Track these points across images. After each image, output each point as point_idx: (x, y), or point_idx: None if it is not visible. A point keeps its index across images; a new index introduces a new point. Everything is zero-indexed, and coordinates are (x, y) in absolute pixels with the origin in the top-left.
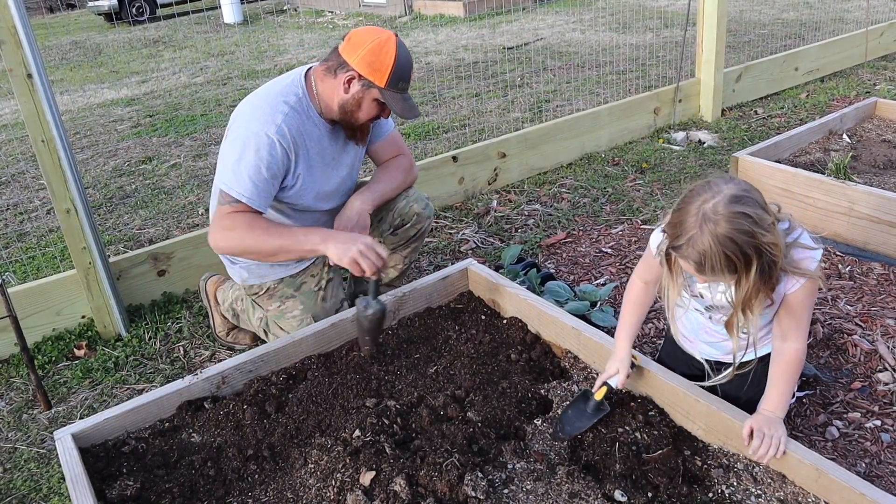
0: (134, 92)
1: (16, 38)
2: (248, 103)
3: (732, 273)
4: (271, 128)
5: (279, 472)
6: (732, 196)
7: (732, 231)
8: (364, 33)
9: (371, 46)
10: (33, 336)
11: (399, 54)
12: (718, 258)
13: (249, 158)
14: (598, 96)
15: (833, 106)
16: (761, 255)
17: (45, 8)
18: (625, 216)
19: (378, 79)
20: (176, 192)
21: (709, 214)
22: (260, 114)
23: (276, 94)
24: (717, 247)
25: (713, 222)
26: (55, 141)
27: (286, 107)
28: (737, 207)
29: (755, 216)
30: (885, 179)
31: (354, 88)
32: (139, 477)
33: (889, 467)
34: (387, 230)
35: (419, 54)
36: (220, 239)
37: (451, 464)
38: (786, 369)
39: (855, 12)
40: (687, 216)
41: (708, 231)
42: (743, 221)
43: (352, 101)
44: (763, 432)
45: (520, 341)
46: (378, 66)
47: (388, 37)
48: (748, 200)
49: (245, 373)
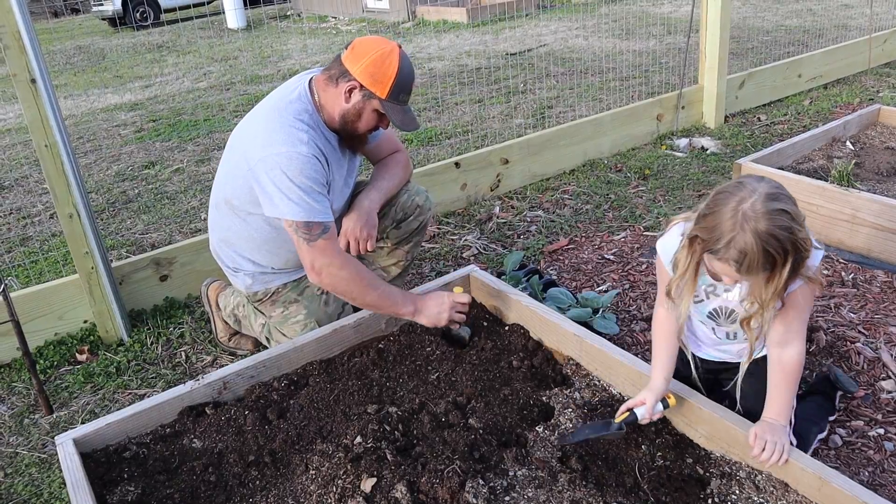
0: (137, 97)
1: (20, 42)
2: (259, 127)
3: (768, 271)
4: (303, 147)
5: (280, 478)
6: (769, 194)
7: (774, 228)
8: (368, 43)
9: (374, 57)
10: (35, 340)
11: (402, 66)
12: (759, 256)
13: (300, 181)
14: (600, 102)
15: (836, 113)
16: (798, 251)
17: (49, 13)
18: (627, 223)
19: (379, 90)
20: (179, 197)
21: (748, 213)
22: (282, 136)
23: (289, 113)
24: (759, 244)
25: (754, 220)
26: (58, 145)
27: (304, 125)
28: (775, 205)
29: (792, 212)
30: (889, 187)
31: (355, 98)
32: (140, 482)
33: (892, 476)
34: (390, 225)
35: (422, 60)
36: (326, 275)
37: (452, 471)
38: (785, 377)
39: (858, 19)
40: (723, 218)
41: (749, 229)
42: (783, 218)
43: (352, 111)
44: (765, 439)
45: (522, 348)
46: (380, 77)
47: (391, 48)
48: (783, 197)
49: (246, 378)
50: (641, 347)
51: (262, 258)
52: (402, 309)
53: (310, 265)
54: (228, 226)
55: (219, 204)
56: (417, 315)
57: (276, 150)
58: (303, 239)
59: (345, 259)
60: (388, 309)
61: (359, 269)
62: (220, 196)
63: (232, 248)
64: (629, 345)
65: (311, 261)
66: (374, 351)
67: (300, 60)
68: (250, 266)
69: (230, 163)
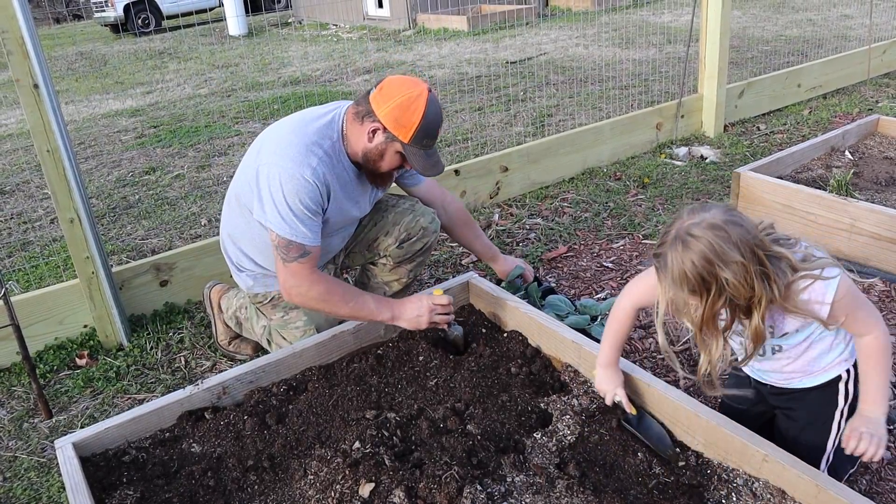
0: (139, 103)
1: (23, 49)
2: (282, 136)
3: (694, 294)
4: (307, 171)
5: (279, 483)
6: (709, 223)
7: (693, 254)
8: (397, 85)
9: (400, 101)
10: (35, 345)
11: (427, 112)
12: (677, 275)
13: (294, 203)
14: (600, 111)
15: (835, 123)
16: (721, 289)
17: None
18: (626, 231)
19: (402, 134)
20: (179, 202)
21: (682, 233)
22: (295, 153)
23: (314, 134)
24: (679, 264)
25: (682, 241)
26: (60, 151)
27: (321, 150)
28: (706, 233)
29: (717, 248)
30: (887, 196)
31: (378, 139)
32: (139, 487)
33: (889, 484)
34: (392, 244)
35: (422, 68)
36: (297, 296)
37: (450, 476)
38: (868, 361)
39: (858, 30)
40: (670, 231)
41: (675, 247)
42: (705, 248)
43: (375, 151)
44: (860, 431)
45: (520, 355)
46: (404, 122)
47: (419, 92)
48: (720, 232)
49: (246, 383)
50: (639, 355)
51: (263, 260)
52: (378, 317)
53: (282, 283)
54: (236, 223)
55: (230, 199)
56: (396, 320)
57: (283, 163)
58: (280, 257)
59: (314, 280)
60: (366, 318)
61: (329, 287)
62: (232, 191)
63: (237, 245)
64: (627, 352)
65: (284, 280)
66: (373, 357)
67: (301, 68)
68: (252, 266)
69: (247, 159)
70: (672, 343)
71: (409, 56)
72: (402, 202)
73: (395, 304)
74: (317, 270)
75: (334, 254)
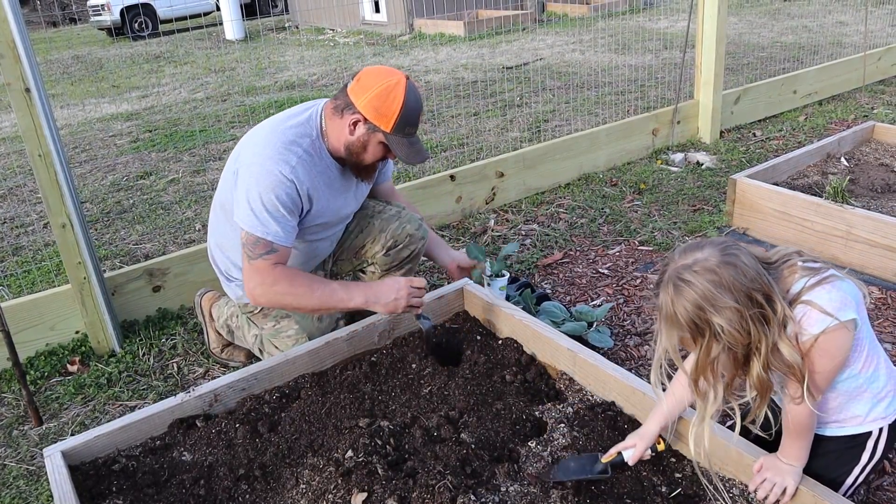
0: (134, 107)
1: (14, 52)
2: (260, 136)
3: (687, 338)
4: (286, 168)
5: (270, 492)
6: (703, 266)
7: (684, 300)
8: (374, 75)
9: (379, 91)
10: (26, 351)
11: (407, 99)
12: (670, 317)
13: (268, 198)
14: (596, 117)
15: (831, 129)
16: (716, 335)
17: (47, 22)
18: (622, 237)
19: (384, 124)
20: (174, 207)
21: (674, 276)
22: (273, 152)
23: (291, 133)
24: (670, 307)
25: (674, 285)
26: (52, 155)
27: (300, 149)
28: (697, 278)
29: (708, 294)
30: (883, 203)
31: (360, 131)
32: (129, 496)
33: (886, 494)
34: (379, 251)
35: (419, 72)
36: (261, 294)
37: (443, 486)
38: (792, 427)
39: (853, 36)
40: (666, 270)
41: (667, 290)
42: (696, 295)
43: (357, 143)
44: (766, 477)
45: (515, 362)
46: (384, 111)
47: (397, 80)
48: (712, 276)
49: (238, 391)
50: (635, 362)
51: None
52: (351, 303)
53: (246, 283)
54: (223, 231)
55: (216, 207)
56: (371, 304)
57: (260, 162)
58: (246, 255)
59: (278, 275)
60: (338, 306)
61: (293, 280)
62: (217, 199)
63: (225, 254)
64: (623, 360)
65: (247, 279)
66: (367, 364)
67: (297, 72)
68: (241, 276)
69: (228, 165)
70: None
71: (405, 61)
72: (389, 208)
73: (367, 288)
74: (280, 265)
75: (322, 258)
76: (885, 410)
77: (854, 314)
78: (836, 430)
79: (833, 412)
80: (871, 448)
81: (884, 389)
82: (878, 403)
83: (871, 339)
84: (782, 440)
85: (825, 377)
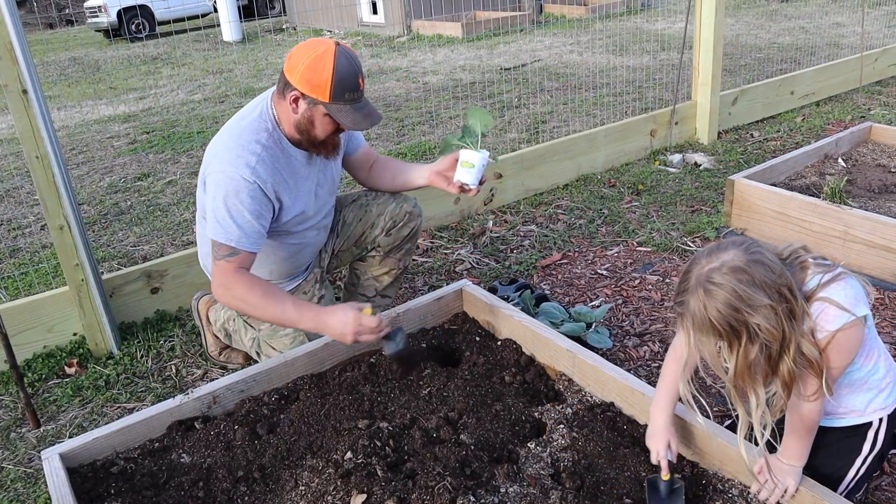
0: (131, 108)
1: (12, 54)
2: (220, 143)
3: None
4: (245, 171)
5: (269, 493)
6: (732, 266)
7: (717, 302)
8: (301, 49)
9: (308, 62)
10: (24, 353)
11: (337, 65)
12: (704, 324)
13: (231, 203)
14: (594, 118)
15: (828, 130)
16: (753, 335)
17: (44, 24)
18: (620, 238)
19: (320, 94)
20: (171, 209)
21: (702, 279)
22: (233, 156)
23: (247, 132)
24: (703, 312)
25: (704, 288)
26: (49, 157)
27: (258, 146)
28: (727, 279)
29: (742, 293)
30: (881, 204)
31: (302, 108)
32: (127, 498)
33: (885, 493)
34: (380, 234)
35: (417, 74)
36: (221, 295)
37: (443, 487)
38: (800, 426)
39: (850, 37)
40: (690, 276)
41: (697, 295)
42: (729, 295)
43: (303, 120)
44: (766, 477)
45: (514, 363)
46: (317, 81)
47: (324, 49)
48: (743, 275)
49: (236, 393)
50: (634, 363)
51: None
52: (301, 325)
53: (212, 281)
54: (207, 240)
55: (199, 218)
56: (321, 330)
57: (221, 169)
58: (213, 254)
59: (237, 279)
60: (290, 325)
61: (251, 288)
62: (199, 209)
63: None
64: (622, 360)
65: (212, 279)
66: (366, 365)
67: None
68: None
69: (200, 176)
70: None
71: (403, 62)
72: (382, 194)
73: (319, 314)
74: (242, 271)
75: (316, 248)
76: (885, 401)
77: (867, 310)
78: (836, 422)
79: (834, 404)
80: (872, 439)
81: (884, 381)
82: (878, 395)
83: (872, 332)
84: (784, 440)
85: (839, 373)
